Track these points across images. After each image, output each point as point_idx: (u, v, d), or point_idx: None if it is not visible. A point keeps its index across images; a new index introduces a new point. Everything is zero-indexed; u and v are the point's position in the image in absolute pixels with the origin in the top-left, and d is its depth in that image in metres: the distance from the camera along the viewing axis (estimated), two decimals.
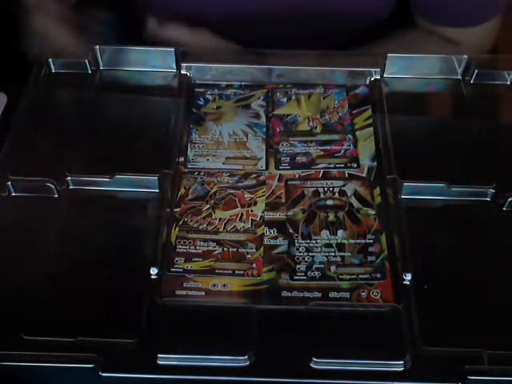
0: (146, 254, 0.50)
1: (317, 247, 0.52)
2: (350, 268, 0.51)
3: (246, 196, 0.56)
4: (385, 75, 0.64)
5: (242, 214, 0.54)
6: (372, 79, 0.65)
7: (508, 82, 0.64)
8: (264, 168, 0.58)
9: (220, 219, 0.54)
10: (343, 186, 0.56)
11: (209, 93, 0.64)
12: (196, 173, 0.57)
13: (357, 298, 0.49)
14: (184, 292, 0.49)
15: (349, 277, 0.50)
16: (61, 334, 0.45)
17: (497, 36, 0.77)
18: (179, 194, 0.56)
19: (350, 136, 0.60)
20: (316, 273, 0.50)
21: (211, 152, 0.59)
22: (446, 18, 0.74)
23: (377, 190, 0.56)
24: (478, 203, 0.55)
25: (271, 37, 0.67)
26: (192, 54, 0.65)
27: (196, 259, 0.51)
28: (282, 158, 0.59)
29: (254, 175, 0.57)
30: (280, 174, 0.57)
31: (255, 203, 0.55)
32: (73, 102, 0.64)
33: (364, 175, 0.57)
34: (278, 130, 0.61)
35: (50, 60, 0.65)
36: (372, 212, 0.54)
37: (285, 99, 0.64)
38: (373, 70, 0.64)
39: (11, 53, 0.76)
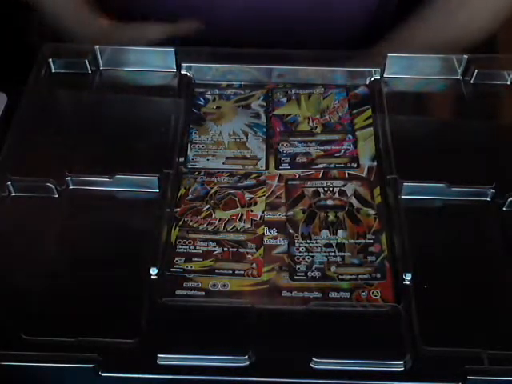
0: (145, 254, 0.50)
1: (317, 247, 0.52)
2: (350, 268, 0.51)
3: (246, 196, 0.56)
4: (385, 75, 0.64)
5: (242, 214, 0.54)
6: (372, 79, 0.65)
7: (508, 82, 0.64)
8: (264, 168, 0.58)
9: (220, 219, 0.54)
10: (343, 186, 0.56)
11: (209, 93, 0.64)
12: (196, 173, 0.57)
13: (357, 298, 0.49)
14: (184, 292, 0.49)
15: (349, 277, 0.50)
16: (61, 334, 0.45)
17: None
18: (179, 194, 0.56)
19: (350, 136, 0.60)
20: (316, 273, 0.50)
21: (211, 152, 0.59)
22: None
23: (377, 190, 0.56)
24: (478, 203, 0.55)
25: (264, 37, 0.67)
26: (192, 54, 0.65)
27: (196, 259, 0.51)
28: (282, 158, 0.59)
29: (254, 175, 0.57)
30: (280, 174, 0.57)
31: (255, 203, 0.55)
32: (73, 101, 0.64)
33: (364, 175, 0.57)
34: (277, 129, 0.61)
35: (50, 60, 0.65)
36: (372, 212, 0.54)
37: (285, 99, 0.64)
38: (373, 70, 0.64)
39: (11, 53, 0.76)
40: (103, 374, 0.44)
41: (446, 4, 0.73)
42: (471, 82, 0.64)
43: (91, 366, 0.44)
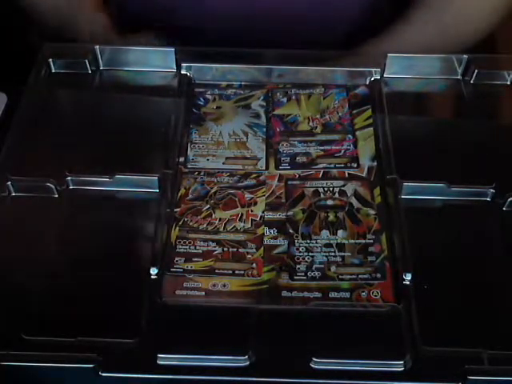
0: (146, 254, 0.50)
1: (317, 247, 0.52)
2: (350, 268, 0.51)
3: (246, 196, 0.56)
4: (385, 75, 0.64)
5: (241, 214, 0.54)
6: (372, 79, 0.65)
7: (508, 82, 0.64)
8: (264, 168, 0.58)
9: (220, 219, 0.54)
10: (343, 186, 0.56)
11: (209, 93, 0.64)
12: (196, 173, 0.57)
13: (357, 298, 0.49)
14: (184, 292, 0.49)
15: (349, 277, 0.50)
16: (61, 334, 0.45)
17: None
18: (179, 194, 0.56)
19: (350, 136, 0.60)
20: (316, 273, 0.50)
21: (211, 152, 0.59)
22: None
23: (377, 190, 0.56)
24: (478, 203, 0.55)
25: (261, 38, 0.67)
26: (192, 54, 0.65)
27: (196, 259, 0.51)
28: (282, 158, 0.59)
29: (253, 175, 0.57)
30: (280, 174, 0.57)
31: (255, 203, 0.55)
32: (73, 101, 0.65)
33: (364, 175, 0.57)
34: (277, 129, 0.61)
35: (50, 60, 0.65)
36: (372, 212, 0.54)
37: (285, 99, 0.64)
38: (373, 69, 0.64)
39: (11, 53, 0.76)
40: (103, 374, 0.44)
41: (432, 6, 0.73)
42: (471, 82, 0.64)
43: (91, 366, 0.44)
